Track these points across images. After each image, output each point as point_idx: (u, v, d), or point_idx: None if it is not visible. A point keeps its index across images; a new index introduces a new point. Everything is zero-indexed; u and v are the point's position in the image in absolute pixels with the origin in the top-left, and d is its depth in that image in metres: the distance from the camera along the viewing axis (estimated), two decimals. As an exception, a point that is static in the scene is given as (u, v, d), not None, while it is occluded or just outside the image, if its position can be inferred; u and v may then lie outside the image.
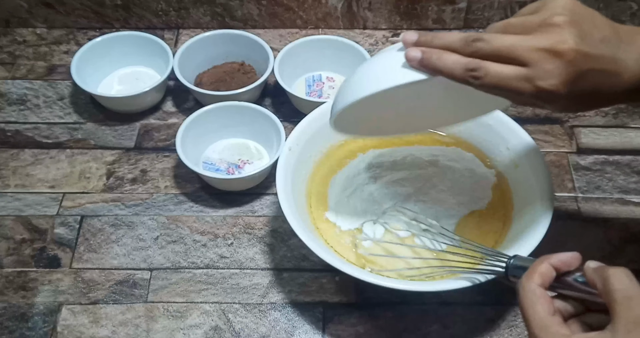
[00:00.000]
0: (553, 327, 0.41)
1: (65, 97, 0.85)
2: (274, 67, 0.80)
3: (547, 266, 0.45)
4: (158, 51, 0.82)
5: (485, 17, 0.91)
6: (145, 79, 0.85)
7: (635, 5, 0.89)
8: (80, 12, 0.90)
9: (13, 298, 0.67)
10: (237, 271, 0.69)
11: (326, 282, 0.68)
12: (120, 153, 0.79)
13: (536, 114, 0.83)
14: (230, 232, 0.72)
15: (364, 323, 0.65)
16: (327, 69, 0.86)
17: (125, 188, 0.76)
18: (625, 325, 0.39)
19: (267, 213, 0.73)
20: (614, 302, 0.40)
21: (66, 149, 0.79)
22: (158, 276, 0.68)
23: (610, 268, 0.42)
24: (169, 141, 0.80)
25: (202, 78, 0.83)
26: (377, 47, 0.90)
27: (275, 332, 0.64)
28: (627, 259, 0.70)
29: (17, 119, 0.82)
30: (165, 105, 0.84)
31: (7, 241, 0.71)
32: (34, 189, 0.75)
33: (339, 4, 0.89)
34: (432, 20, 0.91)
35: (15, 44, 0.91)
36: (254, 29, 0.91)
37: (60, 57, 0.89)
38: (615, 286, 0.40)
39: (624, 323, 0.39)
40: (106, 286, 0.68)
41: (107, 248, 0.70)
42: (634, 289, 0.40)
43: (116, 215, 0.73)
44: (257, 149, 0.78)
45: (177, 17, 0.91)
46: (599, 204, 0.74)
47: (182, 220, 0.73)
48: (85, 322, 0.65)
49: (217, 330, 0.65)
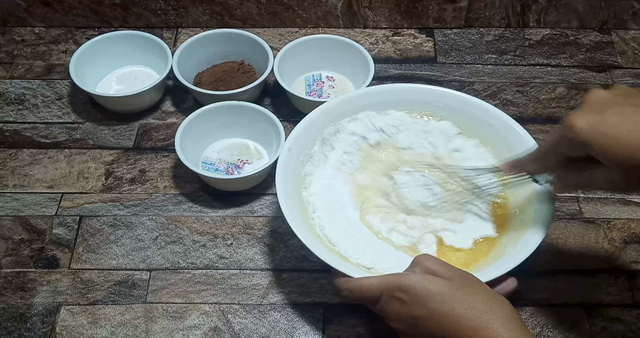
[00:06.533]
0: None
1: (63, 97, 0.84)
2: (273, 66, 0.79)
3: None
4: (157, 50, 0.82)
5: (486, 16, 0.91)
6: (144, 78, 0.85)
7: (637, 4, 0.89)
8: (79, 11, 0.89)
9: (12, 298, 0.66)
10: (236, 272, 0.69)
11: (326, 283, 0.67)
12: (119, 153, 0.78)
13: (537, 114, 0.82)
14: (229, 232, 0.72)
15: (364, 324, 0.65)
16: (327, 68, 0.85)
17: (124, 188, 0.75)
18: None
19: (266, 213, 0.73)
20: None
21: (65, 149, 0.79)
22: (157, 276, 0.68)
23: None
24: (168, 141, 0.79)
25: (201, 77, 0.83)
26: (378, 47, 0.90)
27: (275, 333, 0.64)
28: (628, 259, 0.69)
29: (15, 119, 0.82)
30: (164, 105, 0.84)
31: (5, 241, 0.71)
32: (33, 189, 0.75)
33: (339, 3, 0.89)
34: (432, 19, 0.91)
35: (14, 43, 0.90)
36: (254, 28, 0.91)
37: (59, 57, 0.89)
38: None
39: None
40: (105, 286, 0.67)
41: (106, 249, 0.70)
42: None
43: (115, 215, 0.73)
44: (256, 149, 0.77)
45: (176, 16, 0.91)
46: (601, 204, 0.74)
47: (181, 220, 0.72)
48: (84, 323, 0.65)
49: (216, 330, 0.64)
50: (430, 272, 0.52)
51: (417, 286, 0.50)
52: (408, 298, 0.50)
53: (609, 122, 0.45)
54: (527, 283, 0.67)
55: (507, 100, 0.84)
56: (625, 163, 0.45)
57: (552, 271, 0.69)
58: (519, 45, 0.91)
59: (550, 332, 0.64)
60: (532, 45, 0.91)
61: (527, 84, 0.86)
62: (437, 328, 0.49)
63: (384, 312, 0.53)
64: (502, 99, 0.84)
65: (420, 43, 0.91)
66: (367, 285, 0.54)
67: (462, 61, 0.89)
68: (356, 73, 0.82)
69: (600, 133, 0.45)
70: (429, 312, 0.49)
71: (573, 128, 0.46)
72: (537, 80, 0.86)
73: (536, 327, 0.65)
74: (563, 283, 0.68)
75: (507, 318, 0.48)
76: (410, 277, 0.51)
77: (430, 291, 0.50)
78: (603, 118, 0.45)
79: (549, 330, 0.65)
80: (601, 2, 0.89)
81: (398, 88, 0.71)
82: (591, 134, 0.46)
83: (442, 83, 0.85)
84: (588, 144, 0.46)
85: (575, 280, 0.68)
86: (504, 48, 0.90)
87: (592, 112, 0.46)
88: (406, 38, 0.91)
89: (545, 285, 0.68)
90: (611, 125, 0.45)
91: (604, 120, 0.45)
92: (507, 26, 0.92)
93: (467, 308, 0.48)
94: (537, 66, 0.88)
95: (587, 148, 0.46)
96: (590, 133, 0.46)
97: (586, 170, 0.51)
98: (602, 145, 0.45)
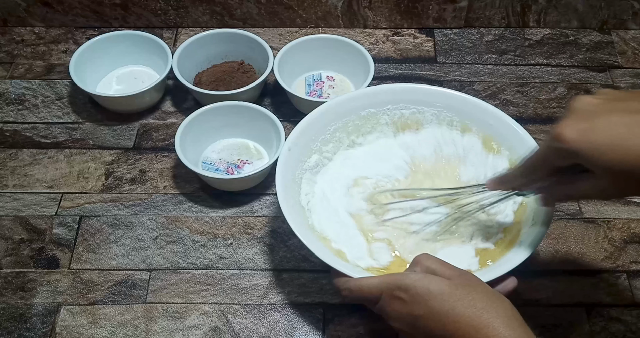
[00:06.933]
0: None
1: (63, 97, 0.84)
2: (273, 66, 0.79)
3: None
4: (157, 50, 0.82)
5: (486, 16, 0.91)
6: (144, 78, 0.85)
7: (637, 4, 0.89)
8: (79, 11, 0.89)
9: (12, 298, 0.66)
10: (236, 272, 0.69)
11: (326, 283, 0.67)
12: (119, 153, 0.78)
13: (537, 114, 0.82)
14: (229, 232, 0.71)
15: (364, 324, 0.65)
16: (327, 68, 0.85)
17: (124, 188, 0.75)
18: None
19: (266, 213, 0.73)
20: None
21: (65, 149, 0.79)
22: (157, 276, 0.68)
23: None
24: (167, 141, 0.79)
25: (201, 77, 0.83)
26: (378, 47, 0.90)
27: (275, 333, 0.64)
28: (628, 259, 0.69)
29: (15, 119, 0.82)
30: (164, 105, 0.84)
31: (5, 241, 0.71)
32: (33, 189, 0.75)
33: (339, 3, 0.89)
34: (432, 19, 0.91)
35: (14, 43, 0.90)
36: (254, 28, 0.91)
37: (59, 57, 0.89)
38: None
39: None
40: (105, 286, 0.67)
41: (106, 249, 0.70)
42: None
43: (115, 215, 0.73)
44: (256, 149, 0.77)
45: (176, 16, 0.91)
46: (601, 204, 0.74)
47: (181, 220, 0.72)
48: (84, 323, 0.65)
49: (216, 330, 0.64)
50: (430, 271, 0.52)
51: (417, 285, 0.50)
52: (408, 298, 0.50)
53: (599, 130, 0.44)
54: (527, 283, 0.67)
55: (507, 100, 0.84)
56: (617, 169, 0.45)
57: (552, 271, 0.69)
58: (519, 45, 0.91)
59: (550, 332, 0.64)
60: (532, 45, 0.91)
61: (527, 84, 0.86)
62: (437, 327, 0.49)
63: (384, 311, 0.53)
64: (502, 99, 0.84)
65: (420, 43, 0.91)
66: (367, 284, 0.54)
67: (462, 61, 0.89)
68: (356, 73, 0.82)
69: (590, 141, 0.44)
70: (429, 310, 0.49)
71: (562, 137, 0.45)
72: (537, 80, 0.86)
73: (536, 327, 0.65)
74: (563, 283, 0.68)
75: (507, 317, 0.48)
76: (410, 276, 0.51)
77: (430, 290, 0.50)
78: (592, 126, 0.44)
79: (549, 330, 0.65)
80: (601, 2, 0.89)
81: (398, 88, 0.71)
82: (581, 143, 0.45)
83: (442, 83, 0.85)
84: (579, 153, 0.45)
85: (575, 280, 0.68)
86: (504, 48, 0.90)
87: (581, 121, 0.45)
88: (406, 38, 0.91)
89: (545, 285, 0.68)
90: (601, 132, 0.44)
91: (593, 127, 0.44)
92: (507, 26, 0.92)
93: (467, 307, 0.48)
94: (537, 66, 0.88)
95: (578, 157, 0.45)
96: (581, 142, 0.45)
97: (574, 180, 0.50)
98: (593, 153, 0.44)
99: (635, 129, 0.43)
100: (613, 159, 0.44)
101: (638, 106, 0.45)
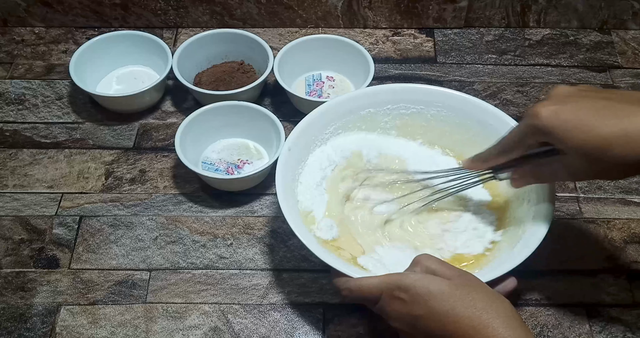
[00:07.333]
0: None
1: (63, 97, 0.84)
2: (273, 66, 0.79)
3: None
4: (157, 50, 0.82)
5: (486, 16, 0.91)
6: (144, 78, 0.85)
7: (637, 4, 0.89)
8: (79, 11, 0.89)
9: (12, 298, 0.66)
10: (236, 272, 0.69)
11: (326, 283, 0.67)
12: (119, 153, 0.78)
13: (537, 113, 0.82)
14: (229, 232, 0.71)
15: (364, 324, 0.65)
16: (327, 68, 0.85)
17: (124, 188, 0.75)
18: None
19: (266, 213, 0.73)
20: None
21: (65, 149, 0.79)
22: (157, 276, 0.68)
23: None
24: (167, 141, 0.79)
25: (201, 77, 0.83)
26: (378, 47, 0.90)
27: (275, 333, 0.64)
28: (628, 259, 0.69)
29: (15, 118, 0.82)
30: (164, 105, 0.84)
31: (5, 241, 0.71)
32: (33, 189, 0.75)
33: (339, 3, 0.89)
34: (432, 19, 0.91)
35: (13, 43, 0.90)
36: (254, 28, 0.91)
37: (59, 57, 0.89)
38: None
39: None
40: (105, 286, 0.67)
41: (106, 249, 0.70)
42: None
43: (115, 215, 0.73)
44: (256, 149, 0.77)
45: (176, 16, 0.91)
46: (601, 204, 0.74)
47: (181, 220, 0.72)
48: (84, 323, 0.65)
49: (216, 330, 0.64)
50: (430, 271, 0.52)
51: (417, 285, 0.50)
52: (408, 298, 0.50)
53: (569, 111, 0.49)
54: (527, 283, 0.67)
55: (507, 100, 0.84)
56: (583, 148, 0.49)
57: (552, 271, 0.69)
58: (519, 45, 0.91)
59: (550, 332, 0.64)
60: (532, 45, 0.91)
61: (527, 84, 0.86)
62: (437, 327, 0.49)
63: (384, 311, 0.53)
64: (502, 99, 0.84)
65: (420, 43, 0.91)
66: (367, 284, 0.54)
67: (462, 61, 0.89)
68: (356, 73, 0.82)
69: (560, 119, 0.49)
70: (429, 311, 0.49)
71: (538, 115, 0.50)
72: (537, 80, 0.86)
73: (536, 327, 0.65)
74: (563, 283, 0.68)
75: (507, 317, 0.48)
76: (410, 277, 0.52)
77: (430, 290, 0.50)
78: (564, 107, 0.49)
79: (549, 330, 0.65)
80: (601, 2, 0.89)
81: (398, 88, 0.71)
82: (553, 121, 0.49)
83: (442, 83, 0.85)
84: (551, 131, 0.50)
85: (575, 280, 0.68)
86: (504, 48, 0.90)
87: (556, 103, 0.50)
88: (406, 38, 0.91)
89: (545, 285, 0.68)
90: (571, 113, 0.49)
91: (564, 109, 0.49)
92: (507, 26, 0.92)
93: (467, 307, 0.48)
94: (537, 66, 0.88)
95: (551, 134, 0.50)
96: (554, 120, 0.49)
97: (546, 163, 0.55)
98: (563, 131, 0.49)
99: (602, 111, 0.48)
100: (580, 138, 0.48)
101: (609, 95, 0.50)
